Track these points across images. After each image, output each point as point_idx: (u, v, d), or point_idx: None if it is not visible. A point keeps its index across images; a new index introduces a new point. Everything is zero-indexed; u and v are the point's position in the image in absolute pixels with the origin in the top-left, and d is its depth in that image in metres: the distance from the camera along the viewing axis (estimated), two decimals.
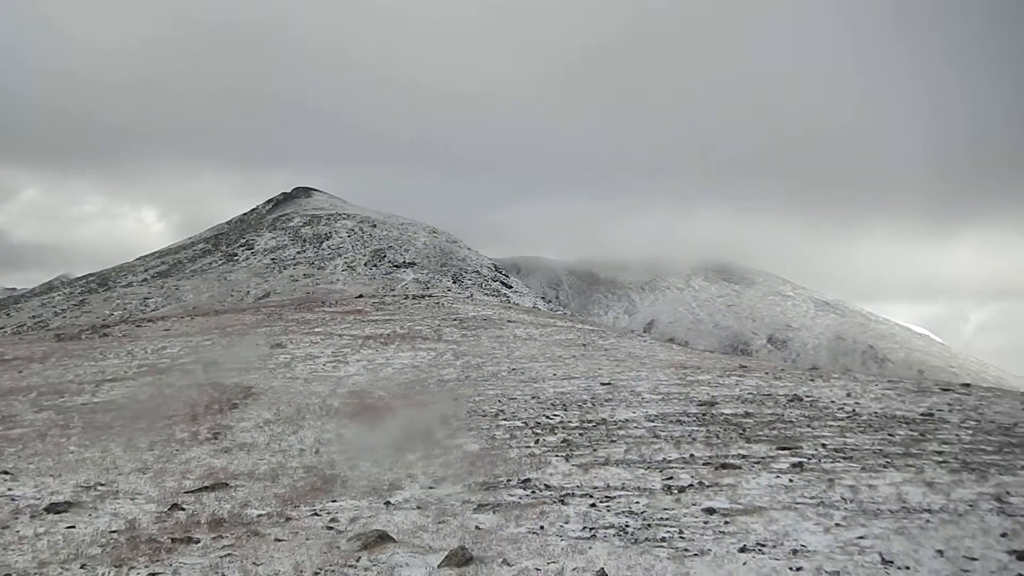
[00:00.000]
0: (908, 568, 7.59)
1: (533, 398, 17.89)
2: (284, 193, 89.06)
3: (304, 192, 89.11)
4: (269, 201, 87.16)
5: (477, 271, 62.92)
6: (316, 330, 31.78)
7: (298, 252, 64.44)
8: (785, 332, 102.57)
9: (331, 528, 9.43)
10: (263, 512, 10.33)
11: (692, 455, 12.19)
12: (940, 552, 7.97)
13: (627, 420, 15.06)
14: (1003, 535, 8.38)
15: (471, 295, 51.48)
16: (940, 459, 11.66)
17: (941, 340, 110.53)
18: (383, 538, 8.78)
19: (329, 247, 65.11)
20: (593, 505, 9.88)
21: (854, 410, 16.01)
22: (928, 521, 8.89)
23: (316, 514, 10.13)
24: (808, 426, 14.32)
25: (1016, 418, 15.46)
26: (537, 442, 13.53)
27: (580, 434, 14.00)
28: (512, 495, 10.51)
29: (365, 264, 60.66)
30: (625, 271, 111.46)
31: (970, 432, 13.89)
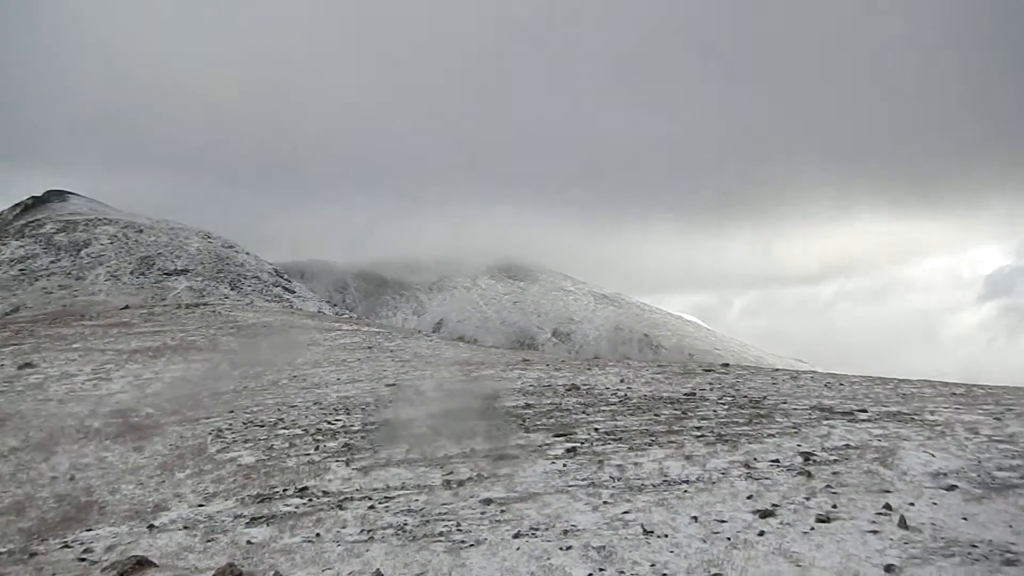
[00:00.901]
0: (666, 536, 8.13)
1: (315, 404, 17.36)
2: (34, 197, 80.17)
3: (58, 196, 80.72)
4: (17, 206, 78.11)
5: (257, 276, 60.14)
6: (74, 346, 28.91)
7: (52, 262, 58.33)
8: (568, 325, 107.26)
9: (84, 559, 8.58)
10: (4, 550, 9.22)
11: (473, 449, 12.36)
12: (695, 518, 8.62)
13: (411, 419, 15.02)
14: (749, 497, 9.23)
15: (251, 302, 49.16)
16: (699, 434, 12.62)
17: (708, 326, 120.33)
18: (143, 564, 8.10)
19: (88, 255, 59.50)
20: (372, 507, 9.73)
21: (626, 395, 16.93)
22: (686, 491, 9.60)
23: (67, 546, 9.17)
24: (583, 412, 14.97)
25: (765, 392, 17.10)
26: (317, 448, 13.13)
27: (362, 437, 13.77)
28: (288, 505, 10.10)
29: (131, 273, 56.04)
30: (414, 273, 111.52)
31: (726, 407, 15.16)
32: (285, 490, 10.80)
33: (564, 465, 11.09)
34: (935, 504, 8.53)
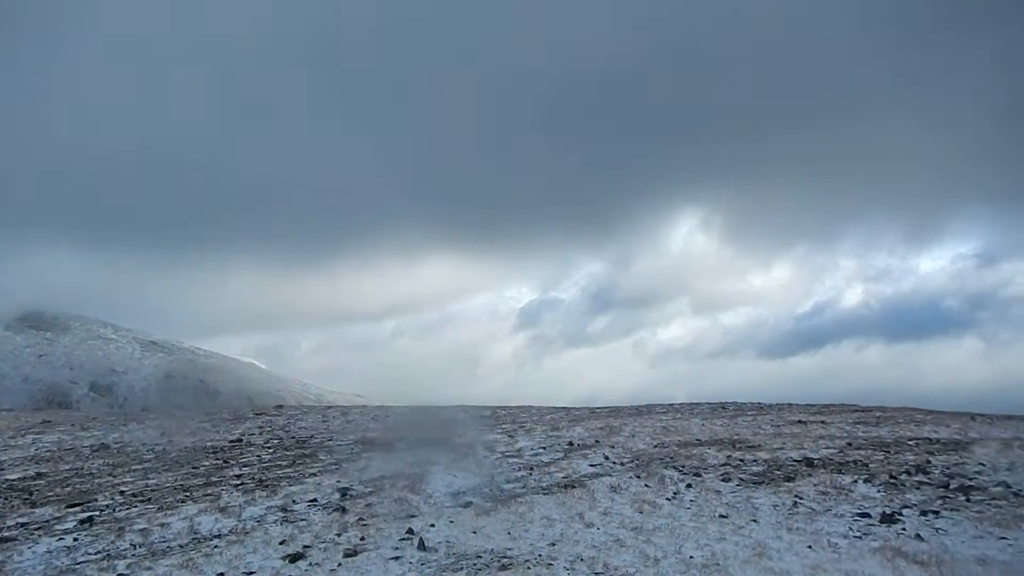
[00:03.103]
0: None
1: None
2: None
3: None
4: None
5: None
6: None
7: None
8: (110, 377, 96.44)
9: None
10: None
11: None
12: (222, 574, 8.10)
13: None
14: (282, 542, 8.98)
15: None
16: (239, 482, 12.09)
17: (270, 367, 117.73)
18: None
19: None
20: None
21: (165, 449, 15.76)
22: (216, 547, 9.00)
23: None
24: (110, 475, 13.51)
25: (314, 430, 17.15)
26: None
27: None
28: None
29: None
30: None
31: (271, 450, 14.83)
32: None
33: (75, 539, 9.70)
34: (452, 522, 9.22)
